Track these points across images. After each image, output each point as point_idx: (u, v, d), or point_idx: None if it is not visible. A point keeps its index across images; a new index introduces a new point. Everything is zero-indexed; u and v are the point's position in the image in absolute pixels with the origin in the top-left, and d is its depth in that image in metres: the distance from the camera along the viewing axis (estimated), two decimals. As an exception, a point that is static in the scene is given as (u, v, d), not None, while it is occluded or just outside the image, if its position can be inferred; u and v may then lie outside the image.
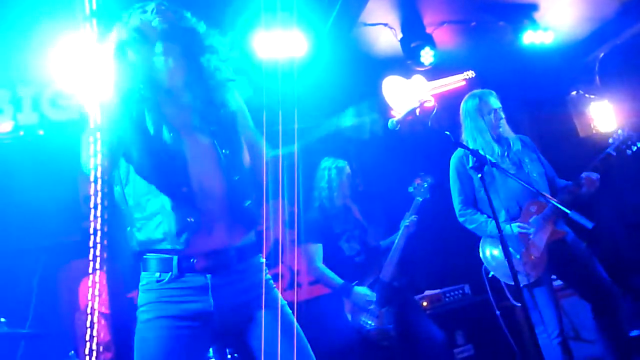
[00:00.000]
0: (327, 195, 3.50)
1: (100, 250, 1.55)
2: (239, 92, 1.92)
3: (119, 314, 3.76)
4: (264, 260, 1.83)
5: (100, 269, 3.95)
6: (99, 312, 3.82)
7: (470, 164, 2.39)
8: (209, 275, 1.66)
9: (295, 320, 1.74)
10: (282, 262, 4.14)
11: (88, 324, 1.50)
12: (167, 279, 1.63)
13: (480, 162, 2.33)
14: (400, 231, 3.39)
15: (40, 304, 3.55)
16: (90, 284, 1.57)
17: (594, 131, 5.20)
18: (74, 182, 3.84)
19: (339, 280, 3.32)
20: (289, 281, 4.35)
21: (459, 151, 3.11)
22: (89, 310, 1.58)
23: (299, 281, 4.41)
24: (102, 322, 3.78)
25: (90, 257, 1.52)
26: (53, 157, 3.62)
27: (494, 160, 2.67)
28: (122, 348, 3.75)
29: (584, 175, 2.85)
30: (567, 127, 5.24)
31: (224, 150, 1.74)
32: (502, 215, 2.93)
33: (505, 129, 3.08)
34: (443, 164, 3.39)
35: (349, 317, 3.30)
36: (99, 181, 1.42)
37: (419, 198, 3.43)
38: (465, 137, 3.14)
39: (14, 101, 3.68)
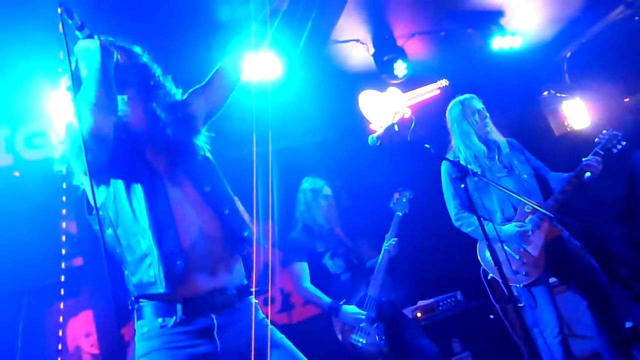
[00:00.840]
0: (307, 216, 3.53)
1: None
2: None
3: (110, 354, 3.67)
4: (255, 300, 1.79)
5: (88, 308, 3.83)
6: (88, 353, 3.75)
7: (454, 175, 2.41)
8: (214, 315, 1.62)
9: (296, 350, 1.72)
10: (272, 285, 4.10)
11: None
12: (171, 323, 1.59)
13: (463, 173, 2.34)
14: (382, 254, 3.42)
15: (27, 349, 3.44)
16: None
17: (568, 129, 5.30)
18: (53, 221, 3.77)
19: (326, 299, 3.29)
20: (281, 303, 4.30)
21: (450, 156, 3.14)
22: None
23: (292, 302, 4.37)
24: (93, 363, 3.68)
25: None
26: (31, 198, 3.55)
27: (477, 169, 2.72)
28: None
29: (584, 162, 2.90)
30: (542, 126, 5.34)
31: (205, 188, 1.72)
32: (497, 217, 2.99)
33: (493, 131, 3.14)
34: (424, 176, 3.44)
35: (339, 337, 3.27)
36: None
37: (398, 213, 3.48)
38: (455, 143, 3.19)
39: (-13, 143, 3.61)
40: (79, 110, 1.56)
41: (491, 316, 3.86)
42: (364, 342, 3.16)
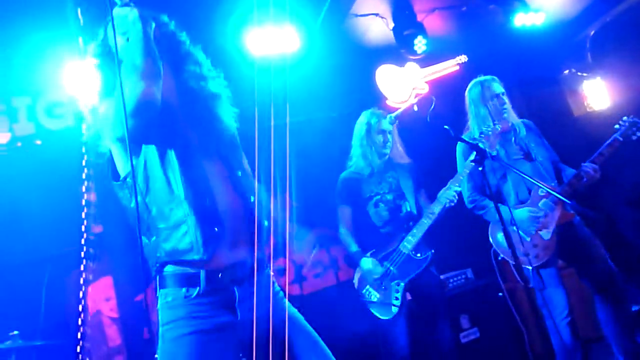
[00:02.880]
0: (360, 154, 3.26)
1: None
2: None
3: (128, 318, 3.79)
4: (271, 272, 1.82)
5: (108, 273, 3.96)
6: (108, 316, 3.88)
7: (472, 157, 2.41)
8: (235, 287, 1.66)
9: (306, 323, 1.76)
10: (288, 256, 4.17)
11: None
12: (194, 294, 1.62)
13: (481, 156, 2.34)
14: (436, 203, 3.05)
15: (50, 314, 3.56)
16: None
17: (587, 109, 5.22)
18: (75, 189, 3.85)
19: (353, 247, 3.15)
20: (294, 275, 4.38)
21: (466, 136, 3.14)
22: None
23: (304, 274, 4.45)
24: (113, 326, 3.81)
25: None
26: (52, 166, 3.63)
27: (494, 153, 2.71)
28: (134, 350, 3.79)
29: (583, 167, 2.88)
30: (561, 106, 5.26)
31: (238, 172, 1.76)
32: (511, 199, 3.00)
33: (510, 114, 3.12)
34: (438, 152, 3.37)
35: (355, 283, 3.13)
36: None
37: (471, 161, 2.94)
38: (471, 124, 3.18)
39: (9, 112, 3.67)
40: (127, 77, 1.58)
41: (500, 294, 3.90)
42: (377, 297, 2.98)
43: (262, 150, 1.96)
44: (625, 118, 3.02)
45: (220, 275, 1.64)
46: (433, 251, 3.13)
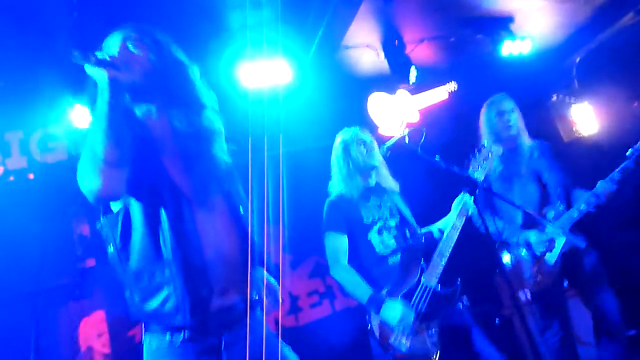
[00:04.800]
0: (343, 174, 2.87)
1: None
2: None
3: (120, 353, 3.72)
4: (263, 313, 1.76)
5: (100, 308, 3.91)
6: (100, 352, 3.81)
7: (464, 189, 2.40)
8: (221, 334, 1.60)
9: None
10: (281, 287, 4.14)
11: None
12: (179, 341, 1.55)
13: (471, 186, 2.34)
14: (451, 224, 2.64)
15: (41, 350, 3.50)
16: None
17: (576, 135, 5.30)
18: (67, 223, 3.83)
19: (366, 288, 2.59)
20: (289, 306, 4.33)
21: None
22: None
23: (299, 305, 4.40)
24: (104, 362, 3.74)
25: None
26: (45, 200, 3.61)
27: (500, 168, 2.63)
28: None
29: (599, 186, 2.82)
30: (551, 132, 5.33)
31: (240, 209, 1.69)
32: (518, 219, 2.97)
33: (519, 133, 3.11)
34: (432, 179, 3.38)
35: (376, 332, 2.55)
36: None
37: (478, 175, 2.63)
38: (487, 143, 3.12)
39: (2, 146, 3.67)
40: (86, 163, 1.44)
41: (497, 320, 3.87)
42: (407, 345, 2.48)
43: (255, 181, 1.97)
44: (636, 146, 2.88)
45: (207, 322, 1.57)
46: (459, 283, 2.68)
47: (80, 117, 3.44)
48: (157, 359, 1.58)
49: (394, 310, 2.50)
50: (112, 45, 1.61)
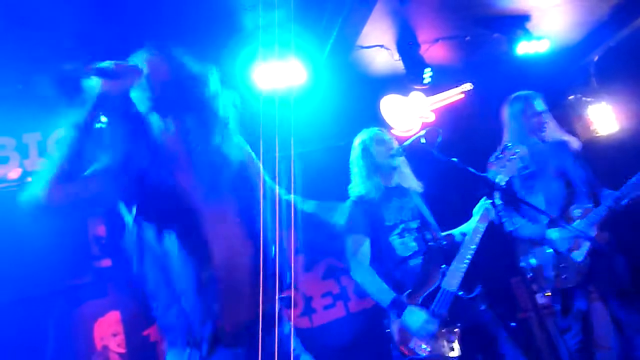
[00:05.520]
0: (363, 175, 2.82)
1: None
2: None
3: (136, 353, 3.74)
4: (291, 328, 1.75)
5: (115, 308, 3.94)
6: (116, 352, 3.84)
7: (483, 189, 2.36)
8: (239, 350, 1.60)
9: None
10: (295, 289, 4.14)
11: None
12: (197, 357, 1.57)
13: (490, 189, 2.30)
14: (474, 227, 2.61)
15: (57, 350, 3.53)
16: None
17: (594, 134, 5.22)
18: (83, 223, 3.86)
19: (389, 292, 2.55)
20: (303, 307, 4.33)
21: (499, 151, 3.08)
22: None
23: (313, 306, 4.39)
24: (120, 362, 3.77)
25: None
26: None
27: (531, 167, 2.59)
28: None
29: (623, 189, 2.79)
30: (568, 131, 5.24)
31: (253, 212, 1.68)
32: (543, 217, 2.89)
33: (551, 133, 3.07)
34: (448, 178, 3.34)
35: (395, 336, 2.53)
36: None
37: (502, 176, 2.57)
38: (511, 139, 3.08)
39: (20, 148, 3.71)
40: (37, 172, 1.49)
41: (513, 324, 3.82)
42: (427, 350, 2.45)
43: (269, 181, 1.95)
44: None
45: (224, 337, 1.58)
46: (480, 287, 2.66)
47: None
48: None
49: (416, 316, 2.48)
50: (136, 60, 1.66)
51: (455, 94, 4.66)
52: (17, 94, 3.46)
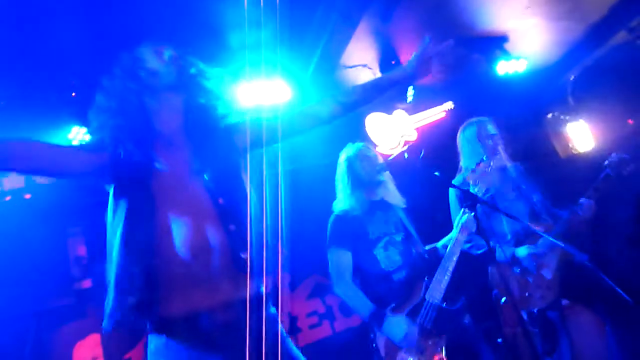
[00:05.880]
0: (348, 191, 2.85)
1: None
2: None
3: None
4: (276, 311, 1.75)
5: (95, 331, 3.85)
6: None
7: (464, 203, 2.40)
8: (218, 333, 1.59)
9: None
10: (280, 309, 4.09)
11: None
12: (174, 341, 1.57)
13: (472, 201, 2.34)
14: (454, 238, 2.67)
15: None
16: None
17: (572, 151, 5.33)
18: (63, 244, 3.79)
19: (368, 304, 2.59)
20: (288, 326, 4.28)
21: (458, 178, 3.15)
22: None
23: (299, 326, 4.35)
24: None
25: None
26: (41, 220, 3.58)
27: (486, 196, 2.70)
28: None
29: (579, 204, 2.90)
30: (546, 149, 5.37)
31: (220, 199, 1.67)
32: (507, 239, 2.97)
33: (503, 156, 3.17)
34: (430, 198, 3.37)
35: (382, 351, 2.54)
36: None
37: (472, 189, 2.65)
38: (464, 164, 3.20)
39: None
40: None
41: (499, 340, 3.82)
42: None
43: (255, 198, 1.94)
44: (613, 154, 3.04)
45: (198, 323, 1.58)
46: (464, 298, 2.70)
47: (77, 138, 3.46)
48: (156, 357, 1.60)
49: (398, 327, 2.51)
50: (146, 54, 1.74)
51: (437, 113, 4.74)
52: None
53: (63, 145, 1.72)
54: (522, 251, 2.90)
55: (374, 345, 2.61)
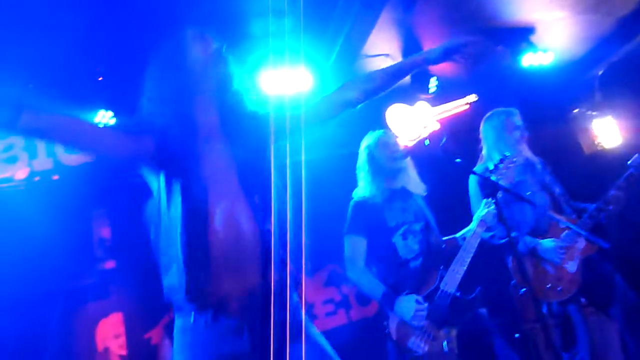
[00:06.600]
0: (368, 178, 2.85)
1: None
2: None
3: (137, 355, 3.75)
4: (298, 298, 1.78)
5: (118, 310, 3.96)
6: (117, 354, 3.85)
7: (485, 191, 2.39)
8: (244, 318, 1.62)
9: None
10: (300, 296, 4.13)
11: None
12: (201, 322, 1.61)
13: (493, 189, 2.33)
14: (473, 229, 2.70)
15: (59, 349, 3.54)
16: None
17: (598, 147, 5.23)
18: (88, 225, 3.90)
19: (380, 286, 2.64)
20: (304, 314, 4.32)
21: (479, 167, 3.13)
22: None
23: (315, 313, 4.39)
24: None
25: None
26: (67, 201, 3.68)
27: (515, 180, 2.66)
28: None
29: (603, 200, 2.86)
30: (572, 145, 5.28)
31: (255, 197, 1.71)
32: (529, 229, 2.94)
33: (526, 148, 3.14)
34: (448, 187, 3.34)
35: (394, 335, 2.58)
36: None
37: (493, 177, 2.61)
38: (486, 154, 3.18)
39: (29, 148, 3.76)
40: None
41: (516, 335, 3.80)
42: (425, 349, 2.49)
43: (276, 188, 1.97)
44: (637, 155, 2.99)
45: (226, 305, 1.61)
46: (480, 289, 2.69)
47: (103, 122, 3.54)
48: (182, 339, 1.65)
49: (408, 304, 2.55)
50: (195, 43, 1.78)
51: (460, 105, 4.69)
52: (28, 94, 3.51)
53: (106, 126, 1.76)
54: (547, 243, 2.87)
55: (386, 331, 2.66)
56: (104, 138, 1.73)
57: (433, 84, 4.06)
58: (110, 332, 3.85)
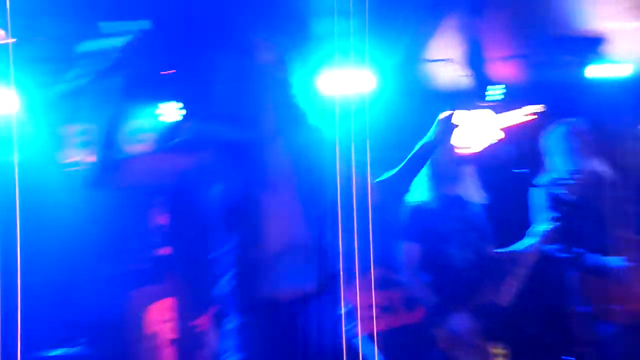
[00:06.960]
0: (426, 185, 2.78)
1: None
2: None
3: (186, 341, 3.85)
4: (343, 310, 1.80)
5: (170, 295, 4.07)
6: (165, 338, 3.96)
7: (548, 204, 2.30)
8: (296, 317, 1.66)
9: None
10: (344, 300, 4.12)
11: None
12: (251, 320, 1.66)
13: (557, 202, 2.25)
14: (535, 238, 2.66)
15: (109, 330, 3.68)
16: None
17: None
18: (146, 211, 4.04)
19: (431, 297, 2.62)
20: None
21: (543, 178, 3.04)
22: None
23: (358, 317, 4.37)
24: (169, 348, 3.88)
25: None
26: (129, 188, 3.81)
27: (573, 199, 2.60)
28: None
29: None
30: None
31: (313, 210, 1.73)
32: (595, 246, 2.83)
33: (594, 161, 3.05)
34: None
35: (440, 346, 2.59)
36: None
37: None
38: (553, 164, 3.08)
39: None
40: None
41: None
42: None
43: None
44: None
45: (275, 304, 1.65)
46: (534, 304, 2.81)
47: (168, 112, 3.69)
48: (236, 340, 1.67)
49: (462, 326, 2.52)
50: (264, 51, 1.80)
51: (526, 114, 4.55)
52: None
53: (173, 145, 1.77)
54: (615, 261, 2.76)
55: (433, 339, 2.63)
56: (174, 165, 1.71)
57: (498, 91, 3.97)
58: (160, 317, 3.97)
